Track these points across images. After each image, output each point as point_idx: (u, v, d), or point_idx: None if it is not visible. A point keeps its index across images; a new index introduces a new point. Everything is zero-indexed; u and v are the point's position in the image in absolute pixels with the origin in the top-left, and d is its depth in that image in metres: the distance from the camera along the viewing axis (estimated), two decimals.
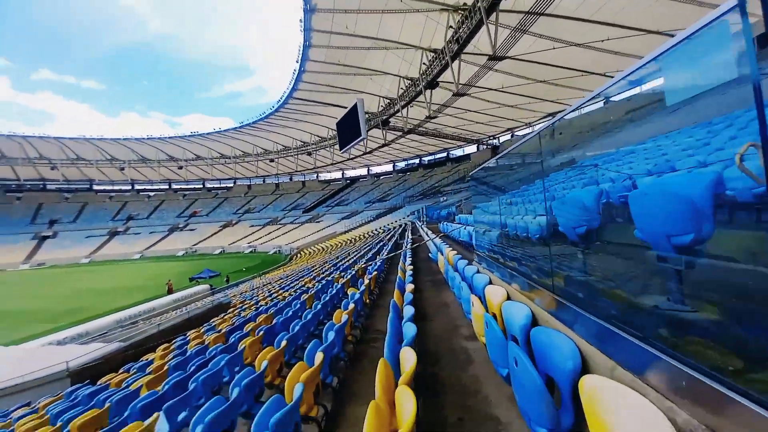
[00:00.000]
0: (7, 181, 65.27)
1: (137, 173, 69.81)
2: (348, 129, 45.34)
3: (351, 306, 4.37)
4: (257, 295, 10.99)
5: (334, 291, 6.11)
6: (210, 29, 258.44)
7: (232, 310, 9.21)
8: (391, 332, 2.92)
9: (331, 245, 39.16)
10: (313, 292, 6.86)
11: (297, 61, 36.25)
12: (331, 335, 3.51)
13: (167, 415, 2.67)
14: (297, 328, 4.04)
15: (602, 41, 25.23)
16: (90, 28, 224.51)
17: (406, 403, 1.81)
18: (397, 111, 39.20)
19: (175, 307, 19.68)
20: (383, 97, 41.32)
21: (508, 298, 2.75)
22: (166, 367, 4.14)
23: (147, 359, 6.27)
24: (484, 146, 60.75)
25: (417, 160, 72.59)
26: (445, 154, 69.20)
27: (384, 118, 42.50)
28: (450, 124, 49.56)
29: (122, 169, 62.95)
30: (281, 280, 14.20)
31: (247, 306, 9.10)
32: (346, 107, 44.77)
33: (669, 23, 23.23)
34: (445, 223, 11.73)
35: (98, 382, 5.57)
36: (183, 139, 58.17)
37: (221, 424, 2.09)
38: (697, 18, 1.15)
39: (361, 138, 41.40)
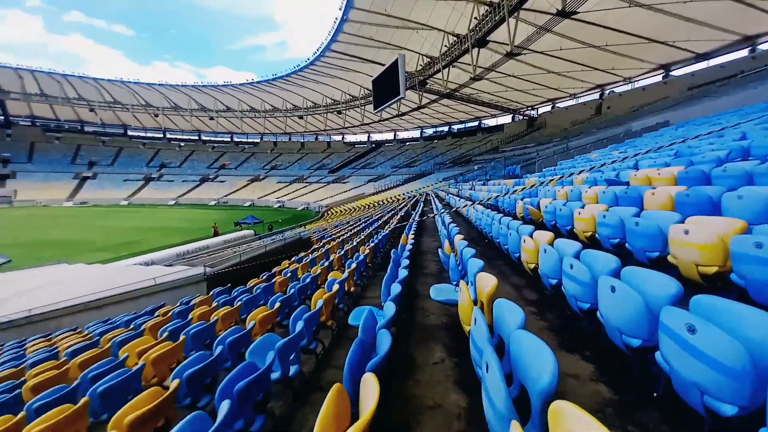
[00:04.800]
0: (47, 120, 67.42)
1: (169, 122, 70.79)
2: (385, 87, 43.51)
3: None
4: (334, 234, 11.55)
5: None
6: None
7: (328, 240, 9.75)
8: None
9: (364, 205, 39.55)
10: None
11: (340, 9, 34.56)
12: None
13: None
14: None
15: (684, 2, 22.93)
16: None
17: None
18: (438, 71, 37.46)
19: (227, 247, 20.69)
20: (424, 55, 39.36)
21: None
22: (343, 264, 4.47)
23: (284, 267, 6.87)
24: (521, 116, 58.13)
25: (446, 128, 70.54)
26: (476, 123, 66.75)
27: (422, 78, 40.80)
28: (487, 90, 47.13)
29: (156, 115, 63.83)
30: (341, 227, 14.67)
31: (340, 237, 9.64)
32: (383, 64, 42.85)
33: None
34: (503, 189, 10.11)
35: (248, 284, 6.10)
36: (215, 89, 57.95)
37: None
38: None
39: (399, 97, 39.79)
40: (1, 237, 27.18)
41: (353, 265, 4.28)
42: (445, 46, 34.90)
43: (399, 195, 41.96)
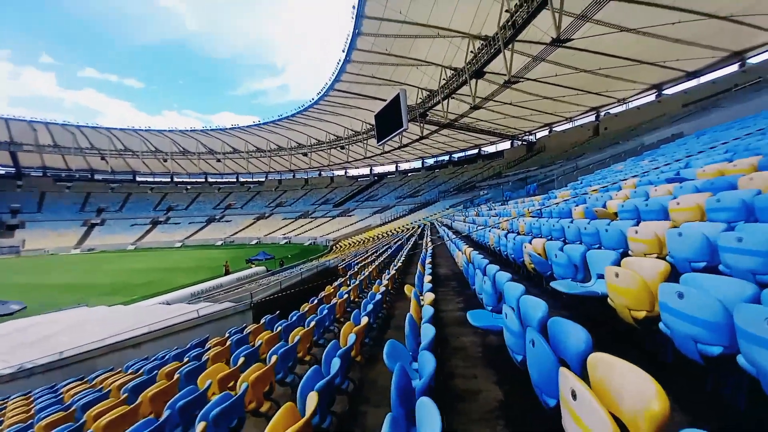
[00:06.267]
0: (58, 170, 69.27)
1: (177, 166, 72.69)
2: (387, 120, 45.09)
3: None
4: (360, 261, 11.33)
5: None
6: (241, 27, 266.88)
7: (361, 267, 9.53)
8: None
9: (373, 236, 39.37)
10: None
11: (343, 51, 36.61)
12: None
13: None
14: None
15: (673, 24, 24.22)
16: (129, 28, 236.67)
17: None
18: (437, 103, 38.87)
19: (240, 285, 20.26)
20: (423, 89, 41.10)
21: None
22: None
23: (330, 292, 6.66)
24: (519, 142, 59.56)
25: (447, 157, 72.18)
26: (476, 151, 68.40)
27: (422, 111, 42.25)
28: (485, 119, 48.70)
29: (165, 160, 65.62)
30: (361, 256, 14.45)
31: (363, 262, 9.46)
32: (385, 100, 44.69)
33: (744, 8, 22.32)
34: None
35: (302, 309, 5.82)
36: (223, 132, 60.06)
37: None
38: None
39: (402, 129, 41.11)
40: (13, 285, 26.79)
41: (428, 277, 4.09)
42: (444, 79, 36.50)
43: (407, 224, 41.89)
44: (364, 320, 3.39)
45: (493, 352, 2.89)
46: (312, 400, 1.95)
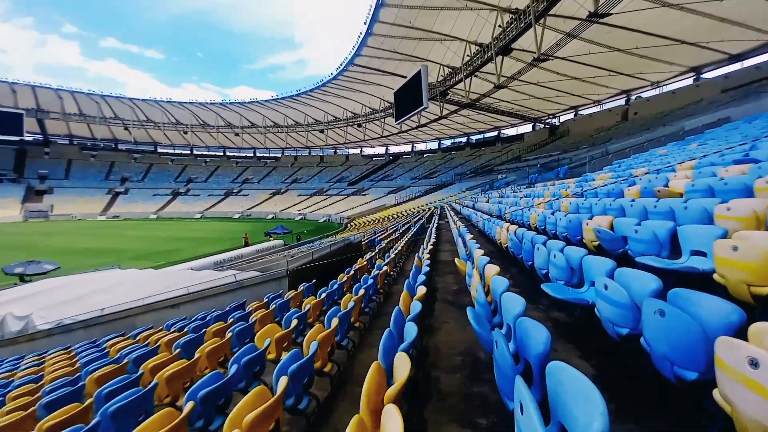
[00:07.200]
0: (84, 139, 71.15)
1: (196, 139, 73.61)
2: (407, 98, 43.82)
3: None
4: (382, 238, 11.41)
5: None
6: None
7: (388, 243, 9.62)
8: None
9: (388, 215, 39.38)
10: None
11: (365, 23, 35.43)
12: None
13: None
14: None
15: (721, 0, 22.37)
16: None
17: None
18: (459, 81, 37.55)
19: (261, 256, 20.75)
20: (445, 66, 39.68)
21: None
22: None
23: (363, 264, 6.81)
24: (542, 125, 57.46)
25: (464, 139, 70.47)
26: (495, 133, 66.44)
27: (443, 89, 40.95)
28: (508, 99, 46.87)
29: (185, 132, 66.46)
30: (383, 233, 14.52)
31: (388, 239, 9.49)
32: (405, 76, 43.32)
33: None
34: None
35: (340, 279, 5.97)
36: (241, 106, 60.07)
37: None
38: None
39: (422, 107, 39.96)
40: (46, 246, 28.22)
41: (480, 251, 4.07)
42: (468, 55, 34.93)
43: (422, 205, 41.68)
44: (421, 290, 3.41)
45: (562, 327, 2.87)
46: (404, 361, 1.93)
